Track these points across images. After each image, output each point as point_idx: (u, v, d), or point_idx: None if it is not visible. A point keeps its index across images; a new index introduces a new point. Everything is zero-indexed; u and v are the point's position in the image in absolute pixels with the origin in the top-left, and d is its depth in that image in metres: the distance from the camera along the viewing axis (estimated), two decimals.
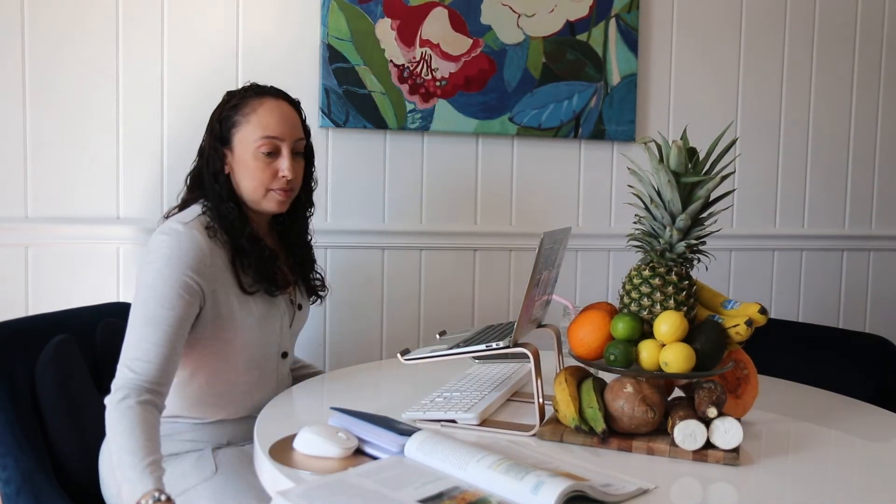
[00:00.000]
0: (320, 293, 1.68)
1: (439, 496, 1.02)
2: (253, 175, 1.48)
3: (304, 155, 1.58)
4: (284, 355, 1.59)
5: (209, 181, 1.50)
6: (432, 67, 2.16)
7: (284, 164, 1.49)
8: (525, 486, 1.01)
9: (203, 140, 1.55)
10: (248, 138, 1.48)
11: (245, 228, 1.48)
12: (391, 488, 1.03)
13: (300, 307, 1.64)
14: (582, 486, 1.01)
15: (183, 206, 1.53)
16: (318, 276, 1.68)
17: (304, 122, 1.57)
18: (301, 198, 1.61)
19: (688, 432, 1.18)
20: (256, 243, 1.49)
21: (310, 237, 1.68)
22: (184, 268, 1.38)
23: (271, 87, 1.55)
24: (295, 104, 1.56)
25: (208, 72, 2.03)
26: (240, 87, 1.56)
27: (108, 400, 1.33)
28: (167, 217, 1.50)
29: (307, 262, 1.65)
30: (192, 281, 1.38)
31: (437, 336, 1.64)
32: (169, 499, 1.22)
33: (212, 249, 1.43)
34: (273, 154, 1.49)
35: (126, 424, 1.28)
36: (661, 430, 1.25)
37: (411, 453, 1.15)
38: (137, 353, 1.34)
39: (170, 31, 2.01)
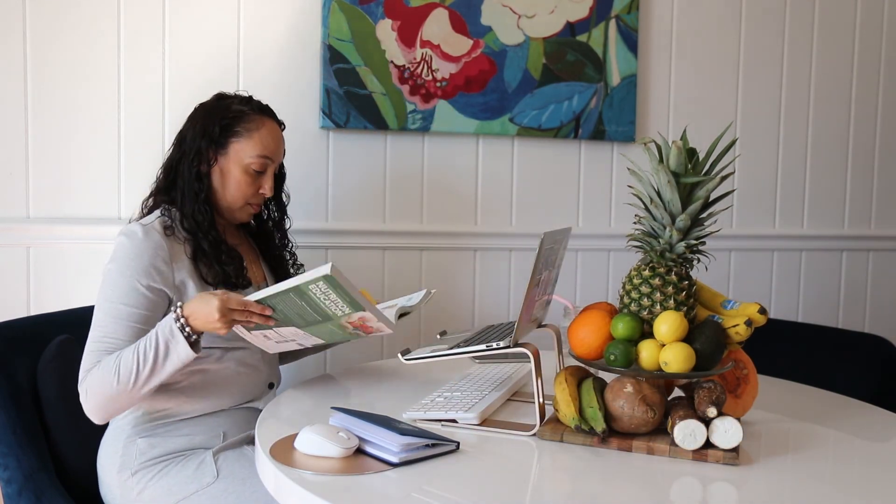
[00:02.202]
0: None
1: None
2: (238, 187, 1.57)
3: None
4: None
5: (187, 176, 1.55)
6: (433, 68, 2.17)
7: (268, 184, 1.59)
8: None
9: (186, 131, 1.59)
10: (244, 151, 1.56)
11: (211, 231, 1.54)
12: None
13: None
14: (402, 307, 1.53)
15: (146, 212, 1.60)
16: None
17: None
18: (271, 210, 1.72)
19: (688, 432, 1.19)
20: (218, 245, 1.54)
21: (290, 244, 1.76)
22: (146, 266, 1.44)
23: (267, 106, 1.63)
24: (283, 128, 1.66)
25: (209, 72, 2.04)
26: (234, 92, 1.64)
27: (82, 384, 1.38)
28: (131, 221, 1.56)
29: (281, 271, 1.72)
30: (154, 279, 1.44)
31: (438, 336, 1.64)
32: (180, 305, 1.35)
33: (171, 246, 1.49)
34: (260, 172, 1.58)
35: (110, 359, 1.36)
36: (661, 429, 1.25)
37: None
38: (104, 345, 1.40)
39: (171, 31, 2.01)
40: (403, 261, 2.23)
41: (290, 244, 1.76)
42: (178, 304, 1.36)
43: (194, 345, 1.35)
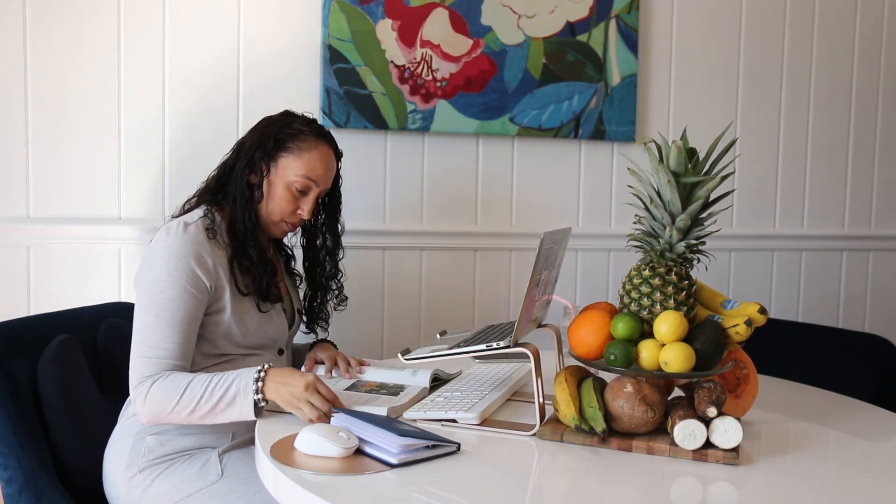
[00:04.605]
0: (315, 327, 1.77)
1: (354, 385, 1.52)
2: (276, 203, 1.57)
3: (331, 201, 1.70)
4: (280, 352, 1.64)
5: (239, 183, 1.57)
6: (433, 68, 2.17)
7: (307, 206, 1.59)
8: (405, 373, 1.55)
9: (247, 139, 1.62)
10: (291, 168, 1.57)
11: (258, 238, 1.57)
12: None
13: (299, 312, 1.73)
14: (439, 372, 1.58)
15: (188, 210, 1.61)
16: (320, 309, 1.76)
17: (338, 171, 1.68)
18: (325, 238, 1.72)
19: (688, 432, 1.19)
20: (262, 255, 1.57)
21: (341, 275, 1.76)
22: (190, 265, 1.45)
23: (329, 132, 1.64)
24: (339, 157, 1.66)
25: (210, 72, 2.04)
26: (301, 112, 1.65)
27: (140, 386, 1.40)
28: (174, 218, 1.58)
29: (319, 298, 1.75)
30: (198, 276, 1.46)
31: (438, 336, 1.64)
32: (270, 366, 1.38)
33: (212, 249, 1.50)
34: (303, 193, 1.58)
35: (181, 380, 1.39)
36: (661, 429, 1.25)
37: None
38: (160, 351, 1.42)
39: (171, 32, 2.01)
40: (403, 261, 2.23)
41: (341, 275, 1.76)
42: (268, 364, 1.38)
43: (259, 410, 1.36)
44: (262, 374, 1.36)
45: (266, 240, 1.66)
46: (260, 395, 1.35)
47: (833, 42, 2.58)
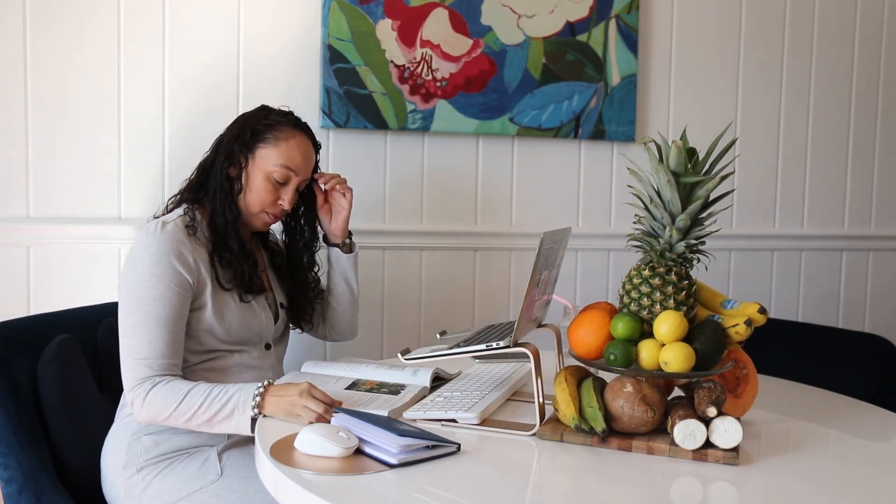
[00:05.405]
0: (300, 322, 1.77)
1: (354, 384, 1.53)
2: (256, 193, 1.59)
3: (310, 194, 1.71)
4: (268, 347, 1.65)
5: (219, 177, 1.58)
6: (433, 68, 2.17)
7: (288, 196, 1.60)
8: (406, 373, 1.55)
9: (225, 134, 1.63)
10: (269, 158, 1.58)
11: (238, 231, 1.58)
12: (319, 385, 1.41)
13: (282, 306, 1.72)
14: (440, 372, 1.58)
15: (170, 209, 1.62)
16: (306, 304, 1.76)
17: (317, 162, 1.70)
18: (304, 230, 1.74)
19: (687, 432, 1.19)
20: (243, 246, 1.58)
21: (317, 268, 1.78)
22: (172, 263, 1.47)
23: (306, 123, 1.66)
24: (317, 148, 1.68)
25: (209, 72, 2.04)
26: (278, 106, 1.66)
27: (138, 389, 1.41)
28: (155, 217, 1.59)
29: (299, 291, 1.74)
30: (181, 273, 1.47)
31: (438, 336, 1.64)
32: (270, 382, 1.40)
33: (193, 246, 1.51)
34: (282, 183, 1.60)
35: (181, 387, 1.41)
36: (660, 429, 1.25)
37: (309, 368, 1.63)
38: (151, 352, 1.43)
39: (171, 32, 2.01)
40: (403, 261, 2.23)
41: (317, 267, 1.78)
42: (268, 380, 1.40)
43: (254, 426, 1.37)
44: (261, 390, 1.37)
45: (248, 234, 1.67)
46: (257, 411, 1.36)
47: (833, 41, 2.58)
